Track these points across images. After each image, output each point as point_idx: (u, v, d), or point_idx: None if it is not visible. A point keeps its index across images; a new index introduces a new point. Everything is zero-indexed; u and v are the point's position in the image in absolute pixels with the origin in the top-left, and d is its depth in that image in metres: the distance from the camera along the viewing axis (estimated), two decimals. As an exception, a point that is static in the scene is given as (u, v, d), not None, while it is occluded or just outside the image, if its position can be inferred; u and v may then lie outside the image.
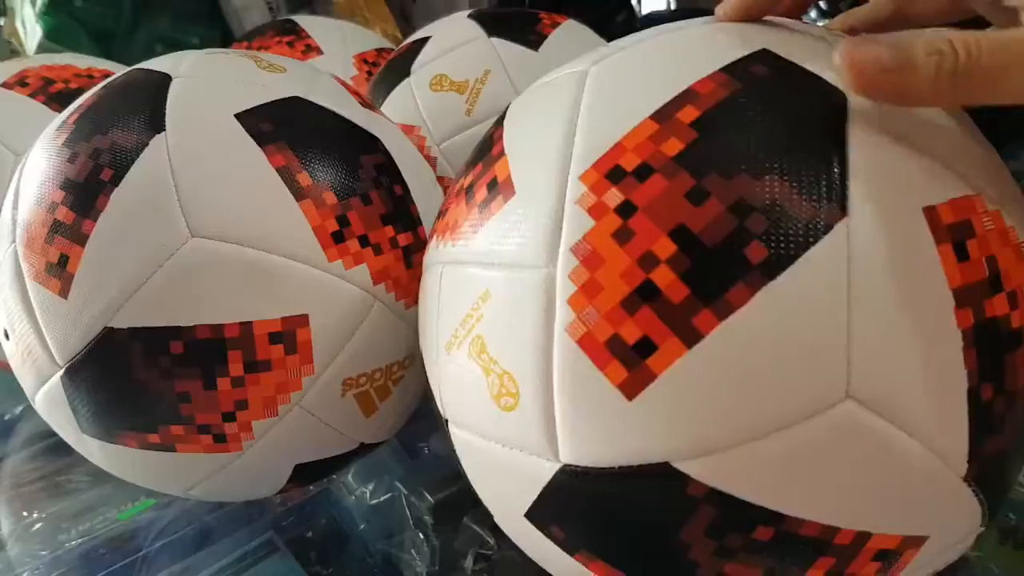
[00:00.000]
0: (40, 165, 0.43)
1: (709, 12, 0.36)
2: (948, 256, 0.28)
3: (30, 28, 1.11)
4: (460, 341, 0.33)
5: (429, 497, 0.55)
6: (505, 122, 0.37)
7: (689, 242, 0.28)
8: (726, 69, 0.31)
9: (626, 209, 0.29)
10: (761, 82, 0.30)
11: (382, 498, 0.57)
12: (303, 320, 0.41)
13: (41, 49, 1.08)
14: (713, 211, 0.28)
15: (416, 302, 0.41)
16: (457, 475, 0.39)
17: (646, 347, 0.28)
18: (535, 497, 0.32)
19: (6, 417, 0.76)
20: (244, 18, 1.16)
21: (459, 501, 0.54)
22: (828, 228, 0.27)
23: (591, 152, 0.30)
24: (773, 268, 0.27)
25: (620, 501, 0.30)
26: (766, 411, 0.27)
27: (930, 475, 0.28)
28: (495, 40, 0.65)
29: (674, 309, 0.27)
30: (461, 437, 0.36)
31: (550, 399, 0.30)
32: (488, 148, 0.36)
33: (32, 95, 0.63)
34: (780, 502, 0.28)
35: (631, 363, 0.28)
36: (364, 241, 0.43)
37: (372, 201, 0.44)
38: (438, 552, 0.53)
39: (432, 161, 0.63)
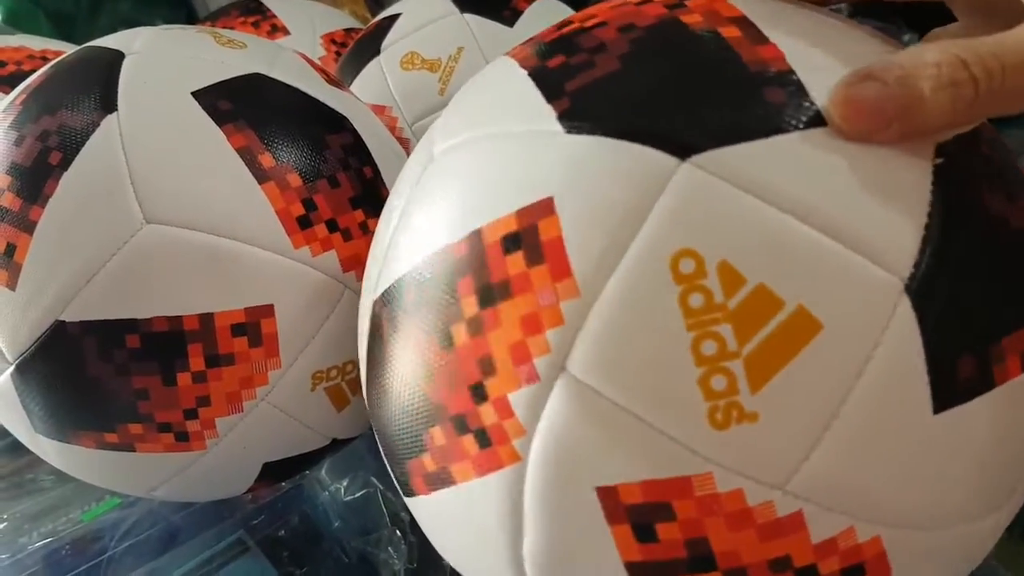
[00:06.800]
0: (-16, 149, 0.40)
1: None
2: None
3: (-13, 12, 1.07)
4: None
5: (406, 492, 0.52)
6: None
7: None
8: None
9: None
10: None
11: (357, 494, 0.55)
12: (268, 310, 0.39)
13: (-1, 33, 1.04)
14: None
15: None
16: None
17: None
18: None
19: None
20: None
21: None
22: None
23: None
24: None
25: None
26: None
27: None
28: (468, 16, 0.63)
29: None
30: None
31: None
32: None
33: (-18, 77, 0.59)
34: None
35: None
36: (332, 226, 0.41)
37: (340, 183, 0.41)
38: (416, 549, 0.51)
39: (404, 142, 0.61)
